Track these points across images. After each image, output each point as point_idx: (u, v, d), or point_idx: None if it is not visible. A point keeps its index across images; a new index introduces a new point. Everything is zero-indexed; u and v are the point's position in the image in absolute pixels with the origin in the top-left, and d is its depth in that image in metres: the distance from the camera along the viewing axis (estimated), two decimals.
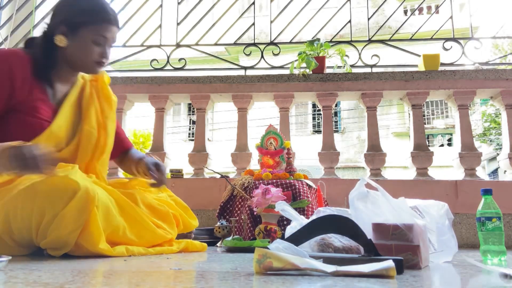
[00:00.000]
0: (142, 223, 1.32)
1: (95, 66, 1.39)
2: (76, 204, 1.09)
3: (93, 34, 1.33)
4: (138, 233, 1.30)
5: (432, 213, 1.23)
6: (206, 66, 2.98)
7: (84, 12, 1.33)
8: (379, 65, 2.71)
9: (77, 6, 1.34)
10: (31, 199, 1.11)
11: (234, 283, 0.73)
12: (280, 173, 2.04)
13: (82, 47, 1.34)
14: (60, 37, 1.32)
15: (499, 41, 12.30)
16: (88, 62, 1.36)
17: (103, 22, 1.34)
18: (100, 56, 1.37)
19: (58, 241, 1.10)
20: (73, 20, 1.32)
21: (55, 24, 1.34)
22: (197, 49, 2.89)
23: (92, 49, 1.34)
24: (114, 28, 1.37)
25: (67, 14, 1.34)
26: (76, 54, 1.35)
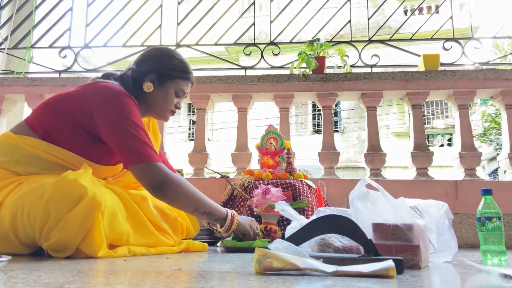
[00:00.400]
0: (147, 228, 1.34)
1: (169, 114, 1.56)
2: (82, 210, 1.10)
3: (177, 87, 1.51)
4: (142, 239, 1.31)
5: (432, 213, 1.23)
6: (206, 66, 2.98)
7: (176, 68, 1.51)
8: (379, 65, 2.71)
9: (171, 61, 1.51)
10: (39, 199, 1.12)
11: (234, 283, 0.73)
12: (280, 173, 2.04)
13: (165, 96, 1.50)
14: (149, 84, 1.47)
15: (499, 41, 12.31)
16: (166, 109, 1.53)
17: (187, 79, 1.54)
18: (175, 106, 1.56)
19: (60, 244, 1.11)
20: (164, 72, 1.49)
21: (145, 71, 1.48)
22: (197, 49, 2.89)
23: (172, 100, 1.52)
24: (190, 85, 1.58)
25: (161, 65, 1.50)
26: (157, 101, 1.51)
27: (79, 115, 1.32)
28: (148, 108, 1.52)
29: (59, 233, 1.09)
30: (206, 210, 1.36)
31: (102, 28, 2.95)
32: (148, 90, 1.46)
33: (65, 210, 1.09)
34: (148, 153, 1.28)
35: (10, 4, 3.05)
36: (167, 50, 1.59)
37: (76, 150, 1.33)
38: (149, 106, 1.51)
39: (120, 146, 1.29)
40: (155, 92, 1.48)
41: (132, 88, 1.45)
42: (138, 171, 1.28)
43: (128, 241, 1.26)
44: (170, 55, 1.54)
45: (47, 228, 1.10)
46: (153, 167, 1.28)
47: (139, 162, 1.27)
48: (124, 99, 1.33)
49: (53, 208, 1.10)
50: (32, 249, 1.21)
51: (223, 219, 1.41)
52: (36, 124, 1.35)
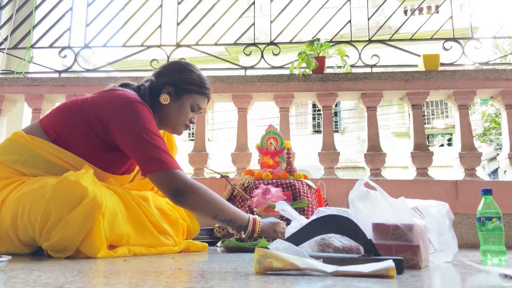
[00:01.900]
0: (147, 229, 1.34)
1: (183, 128, 1.56)
2: (82, 211, 1.10)
3: (193, 101, 1.52)
4: (142, 239, 1.31)
5: (433, 213, 1.23)
6: (206, 66, 2.98)
7: (194, 83, 1.52)
8: (379, 65, 2.71)
9: (190, 75, 1.53)
10: (40, 199, 1.12)
11: (234, 283, 0.73)
12: (280, 173, 2.04)
13: (181, 110, 1.51)
14: (166, 96, 1.48)
15: (499, 41, 12.32)
16: (180, 123, 1.54)
17: (204, 95, 1.55)
18: (190, 121, 1.56)
19: (60, 244, 1.11)
20: (182, 86, 1.50)
21: (163, 83, 1.49)
22: (197, 49, 2.89)
23: (187, 113, 1.53)
24: (207, 101, 1.59)
25: (179, 79, 1.51)
26: (173, 114, 1.51)
27: (93, 121, 1.32)
28: (162, 121, 1.52)
29: (59, 233, 1.09)
30: (226, 217, 1.35)
31: (102, 28, 2.95)
32: (164, 102, 1.47)
33: (66, 211, 1.10)
34: (167, 160, 1.28)
35: (10, 4, 3.05)
36: (187, 64, 1.60)
37: (86, 156, 1.32)
38: (164, 118, 1.51)
39: (138, 154, 1.29)
40: (171, 104, 1.49)
41: (148, 99, 1.45)
42: (157, 179, 1.28)
43: (128, 242, 1.26)
44: (189, 69, 1.55)
45: (47, 228, 1.10)
46: (172, 174, 1.28)
47: (158, 170, 1.27)
48: (141, 107, 1.33)
49: (53, 208, 1.10)
50: (32, 249, 1.21)
51: (245, 226, 1.40)
52: (49, 126, 1.35)
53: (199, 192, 1.31)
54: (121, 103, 1.32)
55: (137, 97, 1.37)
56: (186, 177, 1.31)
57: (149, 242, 1.33)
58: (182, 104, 1.50)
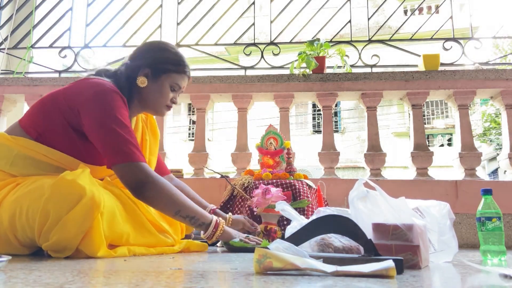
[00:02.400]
0: (146, 228, 1.34)
1: (165, 109, 1.52)
2: (81, 210, 1.10)
3: (172, 81, 1.48)
4: (141, 238, 1.31)
5: (434, 213, 1.23)
6: (206, 66, 2.98)
7: (170, 62, 1.47)
8: (379, 65, 2.71)
9: (165, 55, 1.48)
10: (38, 200, 1.11)
11: (234, 283, 0.73)
12: (280, 173, 2.04)
13: (160, 90, 1.47)
14: (143, 79, 1.44)
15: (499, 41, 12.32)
16: (161, 104, 1.49)
17: (183, 73, 1.50)
18: (171, 101, 1.51)
19: (59, 244, 1.11)
20: (158, 66, 1.46)
21: (139, 66, 1.45)
22: (197, 49, 2.89)
23: (167, 94, 1.49)
24: (187, 79, 1.54)
25: (154, 60, 1.46)
26: (153, 96, 1.47)
27: (67, 113, 1.30)
28: (143, 104, 1.49)
29: (59, 233, 1.09)
30: (189, 214, 1.31)
31: (102, 28, 2.95)
32: (142, 85, 1.44)
33: (64, 211, 1.09)
34: (132, 152, 1.24)
35: (10, 4, 3.05)
36: (161, 43, 1.55)
37: (68, 150, 1.31)
38: (144, 101, 1.48)
39: (104, 144, 1.26)
40: (150, 86, 1.45)
41: (125, 84, 1.42)
42: (120, 170, 1.25)
43: (128, 241, 1.25)
44: (164, 48, 1.50)
45: (46, 228, 1.10)
46: (135, 167, 1.24)
47: (121, 161, 1.24)
48: (112, 96, 1.30)
49: (52, 209, 1.09)
50: (31, 250, 1.21)
51: (208, 224, 1.36)
52: (28, 125, 1.34)
53: (161, 186, 1.26)
54: (92, 92, 1.30)
55: (110, 85, 1.34)
56: (149, 170, 1.27)
57: (148, 241, 1.33)
58: (161, 84, 1.46)
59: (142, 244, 1.31)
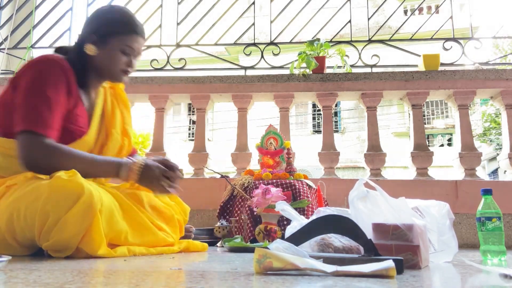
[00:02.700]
0: (145, 226, 1.32)
1: (121, 74, 1.44)
2: (80, 209, 1.10)
3: (121, 43, 1.39)
4: (140, 237, 1.30)
5: (433, 213, 1.23)
6: (206, 66, 2.98)
7: (114, 23, 1.39)
8: (379, 65, 2.71)
9: (107, 17, 1.40)
10: (36, 201, 1.11)
11: (234, 283, 0.73)
12: (280, 173, 2.04)
13: (110, 55, 1.39)
14: (90, 46, 1.37)
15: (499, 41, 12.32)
16: (115, 70, 1.42)
17: (132, 32, 1.40)
18: (127, 65, 1.43)
19: (60, 244, 1.10)
20: (103, 30, 1.38)
21: (86, 34, 1.40)
22: (197, 49, 2.89)
23: (119, 58, 1.40)
24: (140, 40, 1.43)
25: (98, 24, 1.40)
26: (104, 63, 1.40)
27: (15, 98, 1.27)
28: (99, 73, 1.43)
29: (59, 233, 1.09)
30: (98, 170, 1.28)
31: None
32: (91, 53, 1.37)
33: (63, 210, 1.09)
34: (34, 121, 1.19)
35: (10, 4, 3.05)
36: (106, 6, 1.47)
37: None
38: (98, 69, 1.41)
39: (19, 109, 1.21)
40: (100, 53, 1.38)
41: (77, 56, 1.38)
42: (18, 139, 1.20)
43: (127, 239, 1.25)
44: (108, 11, 1.43)
45: (46, 228, 1.10)
46: (30, 136, 1.19)
47: (24, 127, 1.19)
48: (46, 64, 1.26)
49: (51, 209, 1.09)
50: (31, 250, 1.21)
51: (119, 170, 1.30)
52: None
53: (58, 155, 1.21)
54: (30, 63, 1.27)
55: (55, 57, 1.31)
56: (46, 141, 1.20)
57: (147, 239, 1.32)
58: (110, 49, 1.38)
59: (141, 242, 1.30)
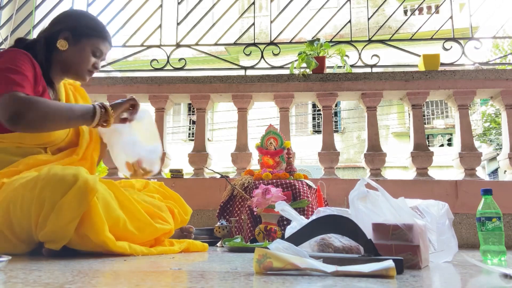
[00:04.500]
0: (140, 218, 1.32)
1: (86, 74, 1.51)
2: (75, 194, 1.10)
3: (93, 45, 1.48)
4: (138, 227, 1.30)
5: (433, 213, 1.23)
6: (206, 66, 2.98)
7: (91, 27, 1.49)
8: (379, 65, 2.71)
9: (84, 20, 1.50)
10: (32, 190, 1.12)
11: (234, 283, 0.73)
12: (280, 173, 2.04)
13: (81, 54, 1.47)
14: (63, 42, 1.44)
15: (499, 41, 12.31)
16: (83, 68, 1.49)
17: (104, 39, 1.51)
18: (93, 66, 1.51)
19: (56, 231, 1.10)
20: (79, 30, 1.46)
21: (59, 30, 1.46)
22: (197, 49, 2.89)
23: (89, 58, 1.48)
24: (109, 46, 1.55)
25: (75, 23, 1.48)
26: (73, 59, 1.47)
27: None
28: (64, 68, 1.48)
29: (55, 219, 1.09)
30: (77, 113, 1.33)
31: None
32: (62, 48, 1.43)
33: (59, 195, 1.10)
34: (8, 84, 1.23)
35: (10, 4, 3.05)
36: (83, 11, 1.61)
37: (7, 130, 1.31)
38: (65, 65, 1.47)
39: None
40: (70, 50, 1.45)
41: (43, 49, 1.43)
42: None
43: (126, 227, 1.25)
44: (85, 15, 1.54)
45: (42, 216, 1.10)
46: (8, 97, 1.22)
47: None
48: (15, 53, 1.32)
49: (46, 195, 1.10)
50: (30, 245, 1.21)
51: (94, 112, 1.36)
52: None
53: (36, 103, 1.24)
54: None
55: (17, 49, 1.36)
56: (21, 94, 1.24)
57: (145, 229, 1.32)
58: (82, 48, 1.46)
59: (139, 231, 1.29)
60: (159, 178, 2.47)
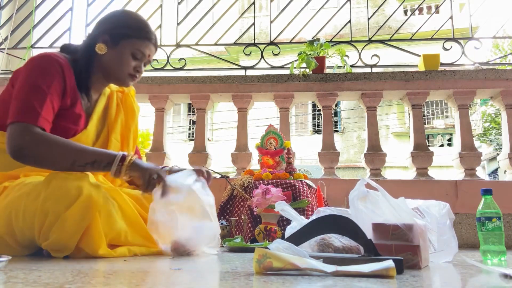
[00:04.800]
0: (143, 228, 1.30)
1: (128, 78, 1.42)
2: (79, 207, 1.10)
3: (133, 47, 1.38)
4: (139, 237, 1.29)
5: (434, 213, 1.23)
6: (206, 66, 2.99)
7: (129, 26, 1.39)
8: (379, 65, 2.71)
9: (123, 19, 1.41)
10: (35, 200, 1.11)
11: (234, 283, 0.73)
12: (280, 173, 2.04)
13: (120, 57, 1.38)
14: (101, 45, 1.36)
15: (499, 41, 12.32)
16: (123, 73, 1.40)
17: (145, 39, 1.40)
18: (135, 69, 1.41)
19: (59, 243, 1.11)
20: (117, 31, 1.37)
21: (98, 33, 1.39)
22: (197, 49, 2.89)
23: (129, 61, 1.39)
24: (152, 48, 1.44)
25: (112, 25, 1.39)
26: (113, 64, 1.39)
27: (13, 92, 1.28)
28: (105, 73, 1.42)
29: (57, 231, 1.09)
30: (87, 160, 1.20)
31: None
32: (101, 52, 1.36)
33: (63, 208, 1.09)
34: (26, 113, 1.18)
35: (10, 4, 3.05)
36: (123, 10, 1.49)
37: None
38: (105, 70, 1.40)
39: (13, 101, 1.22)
40: (109, 53, 1.37)
41: (85, 54, 1.38)
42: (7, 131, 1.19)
43: (126, 239, 1.25)
44: (124, 14, 1.44)
45: (45, 227, 1.10)
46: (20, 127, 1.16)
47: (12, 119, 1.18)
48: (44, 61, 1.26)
49: (50, 207, 1.09)
50: (31, 250, 1.21)
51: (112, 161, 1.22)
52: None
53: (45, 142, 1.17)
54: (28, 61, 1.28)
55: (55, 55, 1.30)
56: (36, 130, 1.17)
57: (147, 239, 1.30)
58: (121, 51, 1.37)
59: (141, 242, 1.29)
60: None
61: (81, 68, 1.36)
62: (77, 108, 1.36)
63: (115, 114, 1.51)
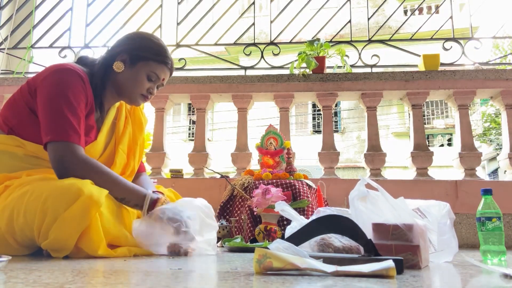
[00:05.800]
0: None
1: (140, 98, 1.46)
2: (79, 207, 1.10)
3: (149, 69, 1.42)
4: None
5: (434, 213, 1.23)
6: (206, 66, 2.98)
7: (149, 49, 1.43)
8: (379, 65, 2.71)
9: (145, 43, 1.44)
10: (36, 199, 1.12)
11: (234, 283, 0.73)
12: (280, 173, 2.04)
13: (135, 77, 1.42)
14: (119, 64, 1.40)
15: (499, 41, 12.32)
16: (136, 92, 1.44)
17: (162, 63, 1.44)
18: (147, 91, 1.45)
19: (58, 242, 1.10)
20: (136, 52, 1.41)
21: (118, 52, 1.42)
22: (197, 49, 2.89)
23: (143, 82, 1.43)
24: (167, 72, 1.48)
25: (134, 46, 1.43)
26: (127, 83, 1.42)
27: (29, 101, 1.30)
28: (118, 91, 1.45)
29: (57, 231, 1.09)
30: (117, 195, 1.26)
31: (102, 28, 2.95)
32: (118, 70, 1.40)
33: (62, 208, 1.09)
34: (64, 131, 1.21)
35: (10, 4, 3.05)
36: (146, 33, 1.52)
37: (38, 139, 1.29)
38: (119, 87, 1.44)
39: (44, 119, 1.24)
40: (126, 72, 1.41)
41: (101, 69, 1.41)
42: (49, 149, 1.22)
43: (127, 239, 1.25)
44: (146, 37, 1.47)
45: (45, 226, 1.10)
46: (63, 146, 1.21)
47: (52, 139, 1.21)
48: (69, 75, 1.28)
49: (50, 206, 1.10)
50: (31, 250, 1.21)
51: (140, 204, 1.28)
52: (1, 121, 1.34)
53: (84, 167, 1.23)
54: (50, 71, 1.29)
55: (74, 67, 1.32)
56: (79, 153, 1.23)
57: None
58: (137, 71, 1.41)
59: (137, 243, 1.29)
60: (159, 179, 2.48)
61: (96, 82, 1.39)
62: (91, 120, 1.38)
63: (123, 126, 1.54)
